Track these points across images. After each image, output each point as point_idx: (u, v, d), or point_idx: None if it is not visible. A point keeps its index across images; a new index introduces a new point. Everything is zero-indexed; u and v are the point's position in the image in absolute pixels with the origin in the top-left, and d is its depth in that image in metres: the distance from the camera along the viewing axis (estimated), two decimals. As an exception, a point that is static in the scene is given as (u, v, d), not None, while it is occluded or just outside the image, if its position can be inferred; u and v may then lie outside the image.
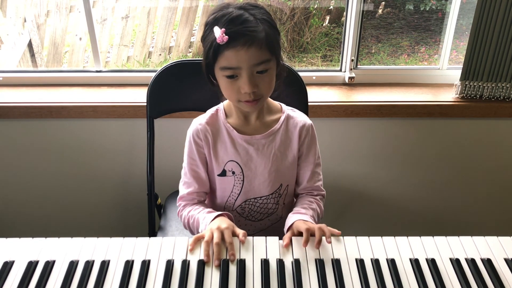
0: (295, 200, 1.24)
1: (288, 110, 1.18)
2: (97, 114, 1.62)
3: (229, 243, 0.96)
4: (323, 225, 1.00)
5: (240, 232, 0.99)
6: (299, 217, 1.06)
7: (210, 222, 1.03)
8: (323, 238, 0.98)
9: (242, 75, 1.00)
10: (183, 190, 1.17)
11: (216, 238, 0.95)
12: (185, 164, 1.18)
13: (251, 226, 1.22)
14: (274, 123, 1.15)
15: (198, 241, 0.98)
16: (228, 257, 0.95)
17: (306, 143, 1.16)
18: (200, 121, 1.15)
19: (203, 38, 1.04)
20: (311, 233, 0.99)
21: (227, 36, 0.96)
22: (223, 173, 1.15)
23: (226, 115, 1.15)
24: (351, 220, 1.92)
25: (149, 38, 2.46)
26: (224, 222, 1.00)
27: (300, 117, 1.17)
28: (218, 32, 0.96)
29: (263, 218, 1.21)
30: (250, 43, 0.97)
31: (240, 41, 0.96)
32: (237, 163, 1.14)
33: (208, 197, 1.23)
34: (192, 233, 1.16)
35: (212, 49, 0.99)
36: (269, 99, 1.16)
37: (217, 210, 1.12)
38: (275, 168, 1.15)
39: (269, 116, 1.15)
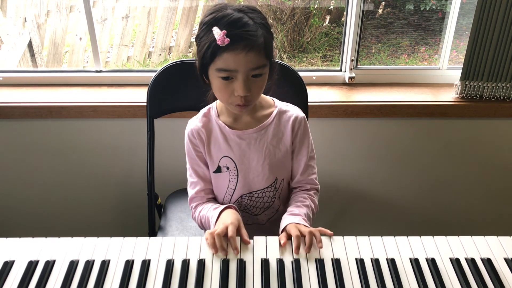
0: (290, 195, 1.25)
1: (280, 104, 1.19)
2: (97, 114, 1.62)
3: (230, 236, 0.97)
4: (314, 230, 1.01)
5: (244, 232, 1.01)
6: (292, 219, 1.07)
7: (217, 219, 1.06)
8: (315, 242, 0.99)
9: (238, 78, 1.01)
10: (191, 191, 1.20)
11: (218, 230, 0.98)
12: (188, 166, 1.20)
13: (249, 218, 1.23)
14: (266, 117, 1.16)
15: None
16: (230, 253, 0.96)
17: (299, 135, 1.17)
18: (193, 121, 1.18)
19: (199, 37, 1.04)
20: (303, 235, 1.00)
21: (228, 39, 0.96)
22: (218, 170, 1.17)
23: (218, 113, 1.17)
24: (351, 220, 1.92)
25: (149, 38, 2.46)
26: (229, 218, 1.03)
27: (292, 111, 1.18)
28: (218, 33, 0.97)
29: (260, 213, 1.22)
30: (250, 47, 0.98)
31: (241, 44, 0.97)
32: (231, 159, 1.15)
33: None
34: None
35: (210, 50, 0.99)
36: (262, 94, 1.17)
37: None
38: (269, 161, 1.16)
39: (261, 111, 1.17)
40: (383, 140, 1.74)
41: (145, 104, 1.42)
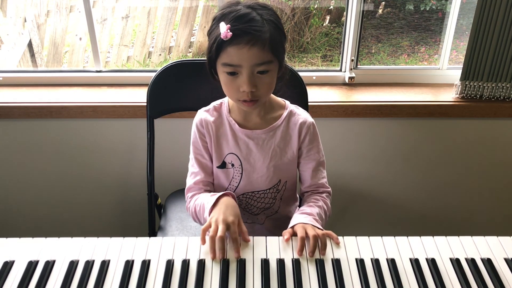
0: (298, 198, 1.24)
1: (291, 107, 1.19)
2: (97, 114, 1.62)
3: (233, 239, 0.96)
4: (321, 234, 0.99)
5: (244, 229, 0.99)
6: (302, 219, 1.05)
7: (214, 207, 1.02)
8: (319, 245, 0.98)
9: (243, 73, 1.01)
10: (190, 181, 1.19)
11: (220, 232, 0.94)
12: (191, 155, 1.19)
13: (249, 217, 1.23)
14: (276, 119, 1.16)
15: (205, 232, 0.98)
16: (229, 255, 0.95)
17: (307, 141, 1.17)
18: (204, 112, 1.18)
19: (209, 32, 1.05)
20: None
21: (231, 33, 0.97)
22: (222, 165, 1.17)
23: (230, 109, 1.16)
24: (351, 220, 1.92)
25: (149, 38, 2.46)
26: (230, 214, 0.99)
27: (302, 115, 1.18)
28: (223, 27, 0.97)
29: (259, 213, 1.22)
30: (253, 42, 0.98)
31: (244, 39, 0.97)
32: (237, 156, 1.15)
33: None
34: (201, 224, 1.15)
35: (215, 44, 1.00)
36: (273, 95, 1.17)
37: None
38: (274, 163, 1.15)
39: (271, 112, 1.16)
40: (383, 140, 1.74)
41: (145, 104, 1.42)
